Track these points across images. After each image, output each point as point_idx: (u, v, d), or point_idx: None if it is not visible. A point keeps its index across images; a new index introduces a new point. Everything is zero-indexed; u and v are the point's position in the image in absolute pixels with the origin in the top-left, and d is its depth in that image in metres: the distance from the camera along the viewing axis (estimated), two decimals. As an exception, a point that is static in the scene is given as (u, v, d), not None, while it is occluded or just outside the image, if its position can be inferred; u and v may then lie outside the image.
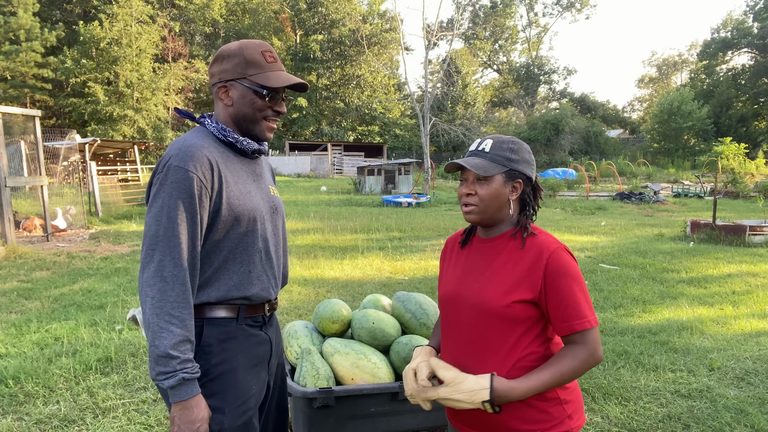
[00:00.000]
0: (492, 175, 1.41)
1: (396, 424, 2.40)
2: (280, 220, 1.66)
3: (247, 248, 1.49)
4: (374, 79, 47.30)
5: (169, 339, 1.32)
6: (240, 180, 1.51)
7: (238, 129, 1.54)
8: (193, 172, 1.38)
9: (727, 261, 8.09)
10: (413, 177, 27.07)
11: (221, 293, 1.47)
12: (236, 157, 1.54)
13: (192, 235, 1.39)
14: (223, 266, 1.47)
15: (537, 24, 60.78)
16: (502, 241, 1.47)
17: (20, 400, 3.37)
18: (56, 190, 13.15)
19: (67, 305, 5.55)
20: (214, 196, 1.43)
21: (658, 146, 45.25)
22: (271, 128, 1.57)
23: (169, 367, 1.32)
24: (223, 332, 1.48)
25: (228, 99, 1.52)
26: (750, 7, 47.15)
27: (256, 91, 1.50)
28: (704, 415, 3.24)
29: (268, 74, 1.51)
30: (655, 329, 4.87)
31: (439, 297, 1.56)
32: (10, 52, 29.98)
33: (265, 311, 1.59)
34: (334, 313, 2.71)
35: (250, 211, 1.49)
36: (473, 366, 1.43)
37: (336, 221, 13.24)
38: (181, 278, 1.36)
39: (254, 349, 1.55)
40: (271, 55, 1.53)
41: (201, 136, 1.50)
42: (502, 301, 1.38)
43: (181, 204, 1.37)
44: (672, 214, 16.82)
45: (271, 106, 1.53)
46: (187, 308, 1.37)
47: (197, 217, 1.39)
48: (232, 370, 1.48)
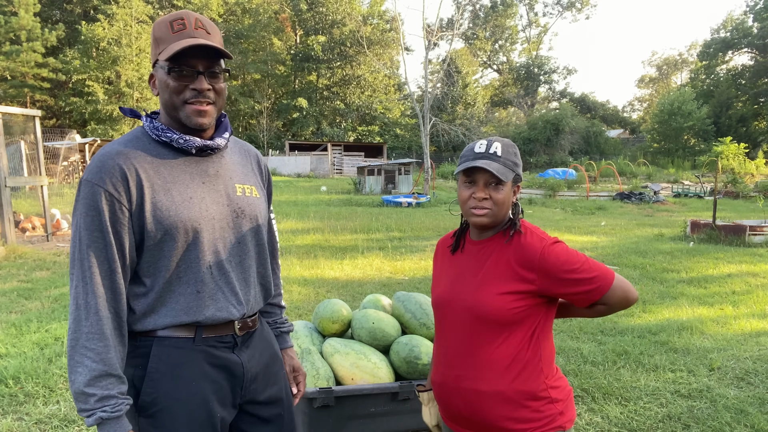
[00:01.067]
0: (509, 180, 1.43)
1: (396, 424, 2.40)
2: (247, 224, 1.41)
3: (191, 265, 1.30)
4: (374, 79, 47.29)
5: (84, 375, 1.18)
6: (177, 186, 1.29)
7: (173, 120, 1.32)
8: (99, 185, 1.21)
9: (727, 261, 8.09)
10: (413, 177, 27.07)
11: (169, 319, 1.29)
12: (176, 158, 1.32)
13: (107, 256, 1.22)
14: (167, 288, 1.29)
15: (537, 24, 60.79)
16: (494, 242, 1.49)
17: (20, 400, 3.37)
18: (56, 190, 13.16)
19: (67, 305, 5.55)
20: (133, 209, 1.24)
21: (658, 146, 45.25)
22: (199, 111, 1.29)
23: (87, 404, 1.18)
24: (175, 355, 1.29)
25: (154, 88, 1.34)
26: (750, 7, 47.14)
27: (166, 70, 1.26)
28: (704, 415, 3.24)
29: (171, 45, 1.26)
30: (655, 329, 4.87)
31: (433, 301, 1.57)
32: (10, 52, 30.01)
33: (236, 331, 1.38)
34: (334, 313, 2.71)
35: (187, 222, 1.27)
36: (466, 368, 1.45)
37: (336, 221, 13.23)
38: (93, 306, 1.20)
39: (217, 374, 1.34)
40: (180, 23, 1.27)
41: (131, 138, 1.32)
42: (494, 295, 1.40)
43: (89, 222, 1.21)
44: (672, 214, 16.82)
45: (186, 84, 1.27)
46: (103, 340, 1.20)
47: (109, 236, 1.22)
48: (187, 398, 1.29)
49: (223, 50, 1.29)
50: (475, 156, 1.43)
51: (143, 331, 1.30)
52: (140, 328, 1.29)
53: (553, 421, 1.43)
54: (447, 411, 1.54)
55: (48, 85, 33.21)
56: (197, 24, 1.29)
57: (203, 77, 1.28)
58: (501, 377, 1.40)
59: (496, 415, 1.41)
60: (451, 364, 1.48)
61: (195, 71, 1.28)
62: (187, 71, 1.27)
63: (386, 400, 2.36)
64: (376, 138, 46.21)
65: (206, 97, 1.29)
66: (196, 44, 1.24)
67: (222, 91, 1.34)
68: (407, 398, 2.29)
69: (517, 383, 1.41)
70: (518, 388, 1.41)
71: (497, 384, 1.40)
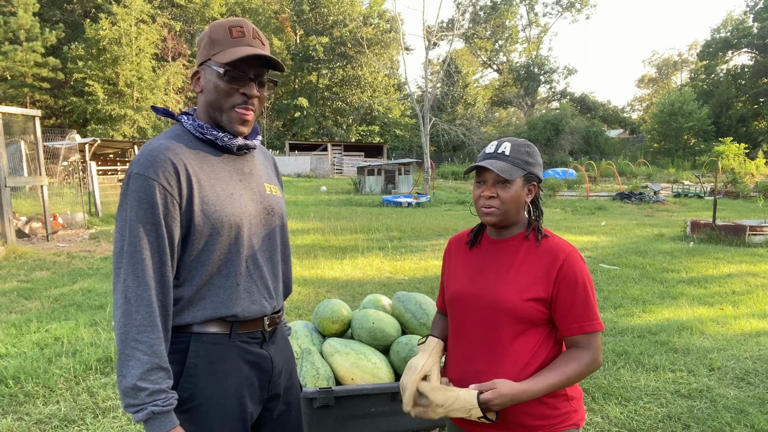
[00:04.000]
0: (514, 178, 1.44)
1: (396, 424, 2.40)
2: (276, 221, 1.48)
3: (231, 259, 1.34)
4: (374, 79, 47.30)
5: (137, 368, 1.19)
6: (219, 182, 1.35)
7: (213, 120, 1.37)
8: (153, 179, 1.23)
9: (727, 261, 8.09)
10: (413, 177, 27.07)
11: (208, 312, 1.32)
12: (217, 156, 1.38)
13: (159, 249, 1.24)
14: (208, 282, 1.33)
15: (537, 24, 60.78)
16: (516, 242, 1.50)
17: (20, 400, 3.37)
18: (56, 190, 13.15)
19: (67, 305, 5.55)
20: (183, 204, 1.28)
21: (658, 146, 45.28)
22: (243, 119, 1.35)
23: (137, 399, 1.19)
24: (213, 351, 1.33)
25: (198, 86, 1.38)
26: (750, 7, 47.16)
27: (217, 72, 1.31)
28: (704, 415, 3.24)
29: (229, 50, 1.31)
30: (655, 329, 4.87)
31: (449, 296, 1.56)
32: (10, 52, 29.98)
33: (265, 326, 1.43)
34: (334, 313, 2.71)
35: (231, 217, 1.32)
36: (485, 364, 1.46)
37: (336, 221, 13.23)
38: (146, 298, 1.22)
39: (250, 370, 1.40)
40: (239, 30, 1.33)
41: (173, 135, 1.35)
42: (519, 299, 1.42)
43: (142, 215, 1.23)
44: (672, 214, 16.82)
45: (237, 88, 1.32)
46: (155, 332, 1.22)
47: (162, 230, 1.25)
48: (222, 393, 1.33)
49: (280, 63, 1.36)
50: (485, 156, 1.48)
51: (181, 325, 1.32)
52: (178, 322, 1.32)
53: (569, 419, 1.45)
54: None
55: (48, 85, 33.19)
56: (254, 34, 1.35)
57: (254, 84, 1.34)
58: (521, 372, 1.41)
59: (515, 410, 1.41)
60: (470, 359, 1.48)
61: (247, 77, 1.33)
62: (241, 76, 1.32)
63: (386, 400, 2.36)
64: (376, 138, 46.23)
65: (252, 103, 1.36)
66: (257, 54, 1.30)
67: (263, 99, 1.41)
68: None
69: None
70: None
71: (517, 379, 1.41)
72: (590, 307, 1.41)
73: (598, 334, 1.42)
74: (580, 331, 1.40)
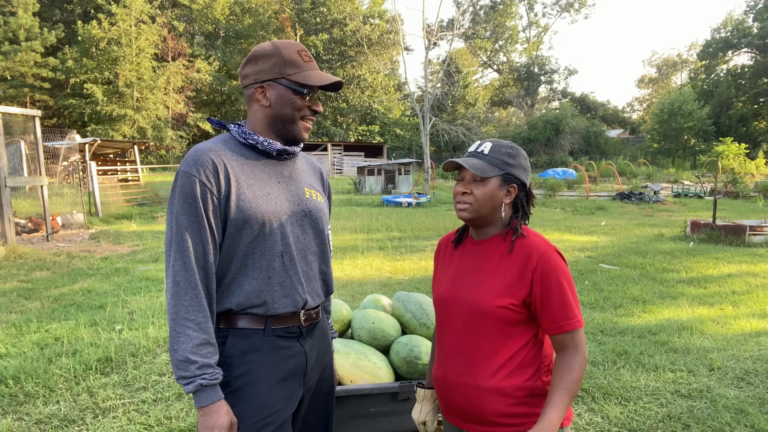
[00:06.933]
0: (489, 176, 1.45)
1: (396, 424, 2.40)
2: (314, 223, 1.59)
3: (265, 252, 1.46)
4: (374, 79, 47.28)
5: (187, 343, 1.32)
6: (258, 182, 1.48)
7: (274, 130, 1.52)
8: (195, 176, 1.38)
9: (727, 261, 8.09)
10: (413, 177, 27.07)
11: (241, 299, 1.44)
12: (258, 160, 1.52)
13: (201, 237, 1.38)
14: (241, 271, 1.45)
15: (537, 24, 60.80)
16: (494, 244, 1.51)
17: (20, 400, 3.37)
18: (56, 190, 13.15)
19: (67, 305, 5.55)
20: (222, 199, 1.41)
21: (658, 146, 45.25)
22: (308, 128, 1.56)
23: (188, 371, 1.31)
24: (247, 344, 1.45)
25: (265, 100, 1.50)
26: (750, 7, 47.14)
27: (295, 91, 1.49)
28: (704, 415, 3.24)
29: (307, 73, 1.50)
30: (655, 329, 4.87)
31: (434, 299, 1.60)
32: (9, 52, 29.95)
33: (301, 321, 1.53)
34: (334, 313, 2.71)
35: (265, 213, 1.45)
36: (463, 364, 1.48)
37: (336, 221, 13.23)
38: (193, 282, 1.36)
39: (284, 362, 1.49)
40: (307, 55, 1.53)
41: (219, 140, 1.50)
42: (495, 302, 1.43)
43: (186, 208, 1.37)
44: (672, 214, 16.82)
45: (310, 105, 1.53)
46: (202, 311, 1.36)
47: (203, 220, 1.38)
48: (254, 383, 1.44)
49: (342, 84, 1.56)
50: (466, 155, 1.52)
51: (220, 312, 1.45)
52: (218, 309, 1.45)
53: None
54: (447, 406, 1.57)
55: (48, 85, 33.13)
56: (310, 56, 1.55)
57: (319, 101, 1.57)
58: (499, 373, 1.43)
59: (494, 410, 1.44)
60: (451, 359, 1.52)
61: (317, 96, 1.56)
62: (315, 97, 1.55)
63: (386, 400, 2.36)
64: (376, 138, 46.21)
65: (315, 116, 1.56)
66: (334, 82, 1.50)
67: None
68: (407, 398, 2.29)
69: (515, 380, 1.43)
70: (516, 384, 1.43)
71: (496, 380, 1.43)
72: (567, 306, 1.40)
73: (580, 330, 1.42)
74: (560, 330, 1.41)
